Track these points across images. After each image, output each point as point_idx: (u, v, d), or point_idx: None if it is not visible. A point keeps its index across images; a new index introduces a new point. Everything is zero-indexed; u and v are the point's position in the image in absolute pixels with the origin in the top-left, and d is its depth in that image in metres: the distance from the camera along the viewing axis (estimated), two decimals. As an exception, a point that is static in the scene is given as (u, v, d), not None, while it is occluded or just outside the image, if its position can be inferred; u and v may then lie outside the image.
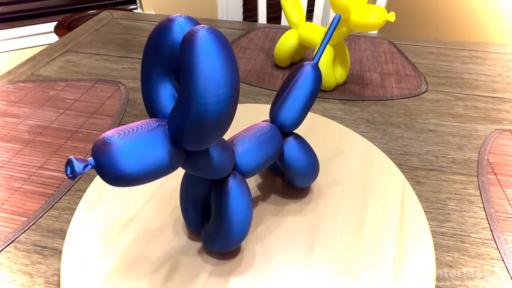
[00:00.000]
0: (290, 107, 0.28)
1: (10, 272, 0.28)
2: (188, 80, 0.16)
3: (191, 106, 0.16)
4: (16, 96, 0.49)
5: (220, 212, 0.25)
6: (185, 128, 0.17)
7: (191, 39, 0.15)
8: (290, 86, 0.28)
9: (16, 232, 0.31)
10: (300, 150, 0.30)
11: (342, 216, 0.31)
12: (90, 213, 0.31)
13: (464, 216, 0.33)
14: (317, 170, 0.32)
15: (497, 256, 0.30)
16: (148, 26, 0.72)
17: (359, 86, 0.53)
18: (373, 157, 0.38)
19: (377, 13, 0.41)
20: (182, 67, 0.16)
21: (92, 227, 0.30)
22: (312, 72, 0.28)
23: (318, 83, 0.28)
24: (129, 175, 0.17)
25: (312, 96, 0.28)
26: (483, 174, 0.38)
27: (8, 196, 0.34)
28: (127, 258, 0.28)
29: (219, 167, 0.22)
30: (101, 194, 0.33)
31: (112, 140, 0.16)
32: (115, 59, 0.59)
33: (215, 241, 0.26)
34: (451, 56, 0.61)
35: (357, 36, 0.68)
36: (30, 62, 0.58)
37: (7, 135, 0.42)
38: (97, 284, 0.26)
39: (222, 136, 0.19)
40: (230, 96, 0.16)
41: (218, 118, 0.17)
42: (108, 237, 0.29)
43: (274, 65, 0.58)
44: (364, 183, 0.34)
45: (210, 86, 0.16)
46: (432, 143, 0.42)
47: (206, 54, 0.15)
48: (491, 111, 0.48)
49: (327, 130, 0.41)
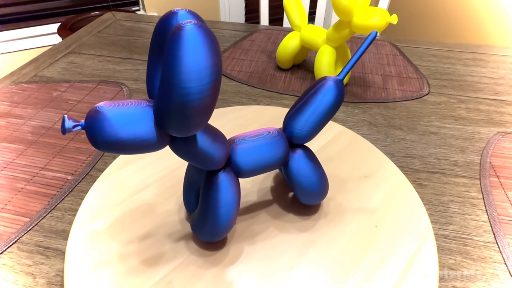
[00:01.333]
0: (302, 119, 0.26)
1: (13, 273, 0.28)
2: (172, 70, 0.17)
3: (172, 95, 0.17)
4: (19, 97, 0.49)
5: (208, 203, 0.26)
6: (166, 115, 0.18)
7: (178, 32, 0.16)
8: (307, 98, 0.26)
9: (19, 232, 0.31)
10: (306, 164, 0.28)
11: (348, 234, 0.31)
12: (93, 214, 0.31)
13: (466, 219, 0.33)
14: (323, 190, 0.30)
15: (500, 259, 0.30)
16: (151, 28, 0.72)
17: (361, 88, 0.53)
18: (374, 157, 0.38)
19: (379, 16, 0.41)
20: (167, 56, 0.17)
21: (95, 227, 0.30)
22: (334, 87, 0.26)
23: (338, 100, 0.26)
24: (113, 141, 0.19)
25: (329, 113, 0.26)
26: (485, 177, 0.37)
27: (11, 197, 0.35)
28: (131, 259, 0.28)
29: (206, 157, 0.23)
30: (103, 195, 0.33)
31: (102, 109, 0.19)
32: (118, 61, 0.60)
33: (202, 230, 0.27)
34: (454, 59, 0.61)
35: (359, 38, 0.68)
36: (33, 63, 0.58)
37: (11, 136, 0.42)
38: (101, 285, 0.26)
39: (201, 126, 0.19)
40: (211, 87, 0.17)
41: (198, 108, 0.18)
42: (111, 237, 0.29)
43: (276, 67, 0.58)
44: (367, 188, 0.34)
45: (193, 77, 0.17)
46: (434, 145, 0.42)
47: (192, 47, 0.16)
48: (493, 113, 0.47)
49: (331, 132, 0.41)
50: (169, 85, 0.17)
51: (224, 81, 0.54)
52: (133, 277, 0.27)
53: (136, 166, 0.36)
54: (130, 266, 0.27)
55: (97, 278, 0.26)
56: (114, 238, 0.29)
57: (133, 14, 0.79)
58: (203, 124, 0.19)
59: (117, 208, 0.32)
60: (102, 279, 0.26)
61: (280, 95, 0.51)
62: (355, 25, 0.43)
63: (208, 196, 0.25)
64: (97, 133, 0.18)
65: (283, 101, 0.50)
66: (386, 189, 0.34)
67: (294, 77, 0.56)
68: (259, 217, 0.32)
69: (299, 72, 0.57)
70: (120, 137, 0.19)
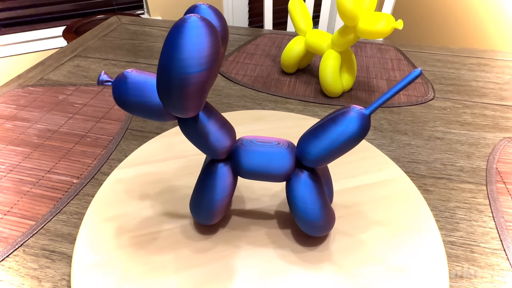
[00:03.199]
0: (314, 143, 0.24)
1: (18, 276, 0.28)
2: (171, 56, 0.18)
3: (171, 77, 0.19)
4: (25, 100, 0.50)
5: (202, 188, 0.27)
6: (163, 95, 0.20)
7: (181, 24, 0.18)
8: (325, 121, 0.24)
9: (25, 236, 0.31)
10: (307, 190, 0.26)
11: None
12: (100, 217, 0.31)
13: (473, 226, 0.33)
14: (322, 223, 0.27)
15: (507, 266, 0.30)
16: (156, 32, 0.72)
17: (365, 92, 0.53)
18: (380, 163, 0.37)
19: (385, 21, 0.41)
20: (167, 43, 0.18)
21: (101, 231, 0.30)
22: (356, 121, 0.22)
23: (357, 135, 0.23)
24: (128, 101, 0.23)
25: (344, 145, 0.23)
26: (492, 183, 0.37)
27: (17, 200, 0.35)
28: (136, 261, 0.28)
29: (207, 143, 0.25)
30: (110, 198, 0.33)
31: (128, 73, 0.23)
32: (123, 64, 0.60)
33: (195, 211, 0.29)
34: (458, 64, 0.61)
35: (363, 43, 0.68)
36: (39, 66, 0.59)
37: (17, 139, 0.42)
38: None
39: (192, 109, 0.21)
40: (204, 75, 0.19)
41: (190, 91, 0.19)
42: (118, 241, 0.29)
43: (281, 71, 0.58)
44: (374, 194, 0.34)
45: (191, 64, 0.18)
46: (440, 151, 0.42)
47: (193, 36, 0.18)
48: (499, 119, 0.47)
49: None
50: (168, 70, 0.19)
51: (229, 85, 0.55)
52: (141, 282, 0.27)
53: (143, 169, 0.36)
54: (137, 270, 0.27)
55: (104, 282, 0.26)
56: (121, 242, 0.29)
57: (138, 18, 0.80)
58: (193, 108, 0.21)
59: (125, 212, 0.32)
60: (109, 284, 0.26)
61: (285, 99, 0.51)
62: (360, 30, 0.43)
63: (204, 181, 0.27)
64: (118, 91, 0.23)
65: (287, 105, 0.50)
66: (392, 194, 0.34)
67: (299, 82, 0.56)
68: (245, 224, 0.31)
69: (304, 76, 0.57)
70: (133, 100, 0.22)
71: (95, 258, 0.28)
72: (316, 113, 0.48)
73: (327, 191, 0.30)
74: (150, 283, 0.27)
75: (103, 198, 0.33)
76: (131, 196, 0.33)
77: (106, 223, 0.31)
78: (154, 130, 0.45)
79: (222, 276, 0.27)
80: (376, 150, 0.40)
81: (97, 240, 0.29)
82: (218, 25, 0.21)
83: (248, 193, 0.34)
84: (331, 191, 0.31)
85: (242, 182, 0.35)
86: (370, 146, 0.40)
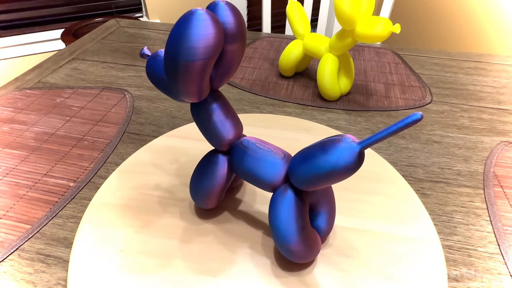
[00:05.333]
0: (302, 165, 0.23)
1: (13, 281, 0.28)
2: (176, 42, 0.20)
3: (174, 63, 0.21)
4: (23, 103, 0.50)
5: (201, 175, 0.29)
6: (168, 79, 0.22)
7: (188, 15, 0.20)
8: (315, 145, 0.22)
9: (20, 240, 0.31)
10: (285, 207, 0.24)
11: (348, 228, 0.31)
12: (97, 221, 0.31)
13: (470, 230, 0.33)
14: (297, 249, 0.25)
15: (505, 271, 0.30)
16: (154, 35, 0.72)
17: (363, 96, 0.53)
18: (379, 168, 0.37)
19: (382, 25, 0.42)
20: (173, 32, 0.20)
21: (99, 235, 0.30)
22: (344, 152, 0.20)
23: (344, 167, 0.20)
24: (152, 77, 0.26)
25: (330, 176, 0.21)
26: (489, 186, 0.37)
27: (13, 204, 0.35)
28: (136, 268, 0.28)
29: (209, 131, 0.27)
30: (108, 202, 0.33)
31: (160, 53, 0.26)
32: (121, 67, 0.60)
33: (193, 194, 0.31)
34: (456, 67, 0.61)
35: (361, 47, 0.68)
36: (37, 69, 0.59)
37: (14, 142, 0.42)
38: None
39: (189, 94, 0.23)
40: (205, 63, 0.21)
41: (190, 75, 0.21)
42: (116, 245, 0.29)
43: (279, 75, 0.58)
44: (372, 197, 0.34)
45: (196, 52, 0.20)
46: (437, 154, 0.42)
47: (199, 26, 0.20)
48: (496, 123, 0.47)
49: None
50: (173, 56, 0.21)
51: (227, 88, 0.55)
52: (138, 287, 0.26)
53: (140, 173, 0.36)
54: (135, 275, 0.27)
55: (101, 286, 0.26)
56: (119, 246, 0.29)
57: (136, 21, 0.80)
58: (193, 93, 0.23)
59: (122, 216, 0.32)
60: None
61: (283, 102, 0.51)
62: (358, 34, 0.43)
63: (202, 168, 0.29)
64: (149, 67, 0.26)
65: (285, 108, 0.50)
66: (390, 198, 0.34)
67: (297, 85, 0.56)
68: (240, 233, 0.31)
69: (302, 80, 0.57)
70: (159, 77, 0.25)
71: (92, 262, 0.28)
72: (314, 116, 0.48)
73: (325, 216, 0.28)
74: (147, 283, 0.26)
75: (100, 201, 0.33)
76: (129, 200, 0.33)
77: (103, 227, 0.31)
78: (151, 133, 0.45)
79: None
80: (374, 153, 0.40)
81: (94, 244, 0.29)
82: (234, 21, 0.23)
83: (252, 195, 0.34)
84: (331, 217, 0.28)
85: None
86: (368, 150, 0.40)
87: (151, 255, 0.29)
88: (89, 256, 0.28)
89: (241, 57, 0.25)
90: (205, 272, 0.28)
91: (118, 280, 0.27)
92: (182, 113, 0.48)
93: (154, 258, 0.28)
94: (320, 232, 0.28)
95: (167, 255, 0.29)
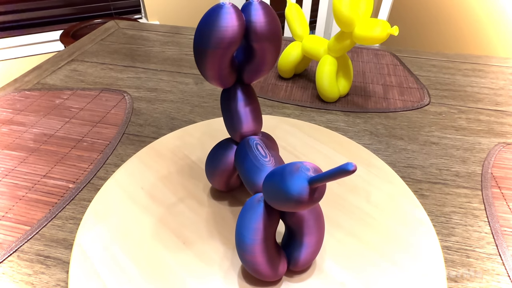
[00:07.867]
0: (265, 184, 0.22)
1: (12, 282, 0.28)
2: (208, 30, 0.22)
3: (200, 49, 0.24)
4: (22, 104, 0.50)
5: (212, 155, 0.31)
6: (196, 62, 0.25)
7: (217, 8, 0.22)
8: (281, 166, 0.21)
9: (20, 241, 0.31)
10: (250, 215, 0.24)
11: (346, 229, 0.31)
12: (97, 222, 0.31)
13: (468, 230, 0.33)
14: (253, 262, 0.24)
15: (503, 271, 0.30)
16: (153, 36, 0.72)
17: (362, 98, 0.53)
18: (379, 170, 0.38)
19: (380, 27, 0.42)
20: (205, 19, 0.23)
21: (99, 236, 0.30)
22: (292, 181, 0.19)
23: (290, 196, 0.19)
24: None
25: (282, 200, 0.20)
26: (487, 187, 0.37)
27: (12, 205, 0.35)
28: (135, 269, 0.28)
29: (228, 118, 0.29)
30: (107, 203, 0.33)
31: None
32: (120, 69, 0.60)
33: (207, 173, 0.32)
34: (454, 69, 0.62)
35: (359, 48, 0.68)
36: (36, 70, 0.59)
37: (13, 143, 0.42)
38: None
39: (213, 79, 0.25)
40: (225, 52, 0.23)
41: (212, 61, 0.24)
42: (116, 245, 0.29)
43: (278, 76, 0.59)
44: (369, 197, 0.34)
45: (221, 40, 0.23)
46: (435, 155, 0.42)
47: (226, 17, 0.22)
48: (494, 124, 0.48)
49: (332, 142, 0.42)
50: (201, 42, 0.23)
51: (226, 90, 0.55)
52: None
53: (140, 174, 0.36)
54: (135, 276, 0.27)
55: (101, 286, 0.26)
56: (119, 247, 0.29)
57: (135, 22, 0.80)
58: (214, 78, 0.25)
59: (122, 217, 0.32)
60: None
61: (282, 104, 0.52)
62: (357, 36, 0.44)
63: (216, 149, 0.31)
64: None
65: (284, 110, 0.50)
66: (388, 199, 0.34)
67: (296, 86, 0.56)
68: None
69: (301, 81, 0.57)
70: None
71: (92, 264, 0.28)
72: (312, 118, 0.48)
73: (303, 248, 0.26)
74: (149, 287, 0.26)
75: (100, 203, 0.33)
76: (129, 201, 0.33)
77: (103, 229, 0.31)
78: (151, 134, 0.45)
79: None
80: (372, 155, 0.40)
81: (94, 246, 0.29)
82: (265, 20, 0.24)
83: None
84: (310, 250, 0.26)
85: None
86: (367, 151, 0.40)
87: (155, 253, 0.29)
88: (89, 257, 0.28)
89: (273, 56, 0.25)
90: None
91: (119, 281, 0.27)
92: (181, 114, 0.49)
93: (159, 256, 0.28)
94: (291, 260, 0.26)
95: (167, 262, 0.29)
